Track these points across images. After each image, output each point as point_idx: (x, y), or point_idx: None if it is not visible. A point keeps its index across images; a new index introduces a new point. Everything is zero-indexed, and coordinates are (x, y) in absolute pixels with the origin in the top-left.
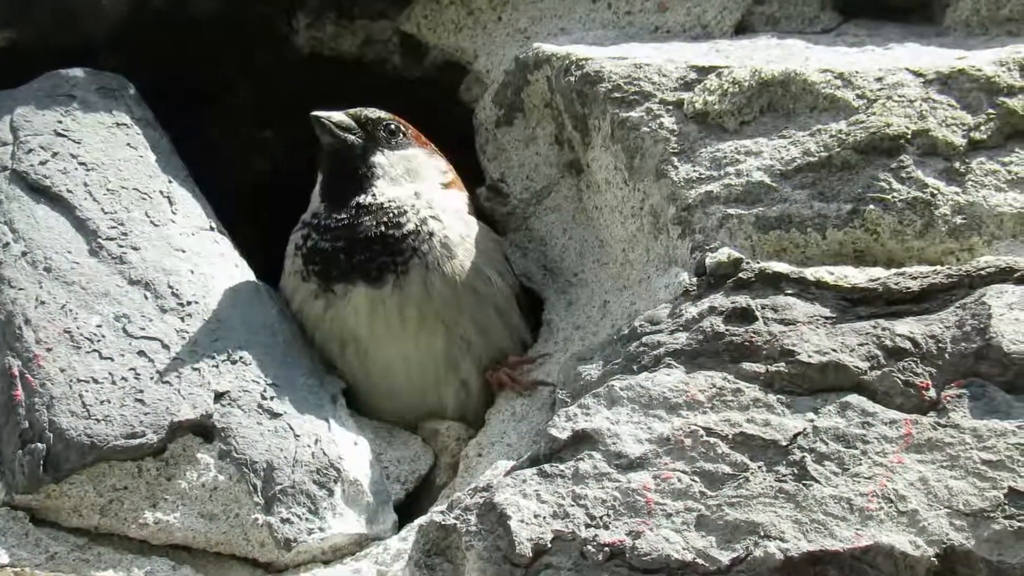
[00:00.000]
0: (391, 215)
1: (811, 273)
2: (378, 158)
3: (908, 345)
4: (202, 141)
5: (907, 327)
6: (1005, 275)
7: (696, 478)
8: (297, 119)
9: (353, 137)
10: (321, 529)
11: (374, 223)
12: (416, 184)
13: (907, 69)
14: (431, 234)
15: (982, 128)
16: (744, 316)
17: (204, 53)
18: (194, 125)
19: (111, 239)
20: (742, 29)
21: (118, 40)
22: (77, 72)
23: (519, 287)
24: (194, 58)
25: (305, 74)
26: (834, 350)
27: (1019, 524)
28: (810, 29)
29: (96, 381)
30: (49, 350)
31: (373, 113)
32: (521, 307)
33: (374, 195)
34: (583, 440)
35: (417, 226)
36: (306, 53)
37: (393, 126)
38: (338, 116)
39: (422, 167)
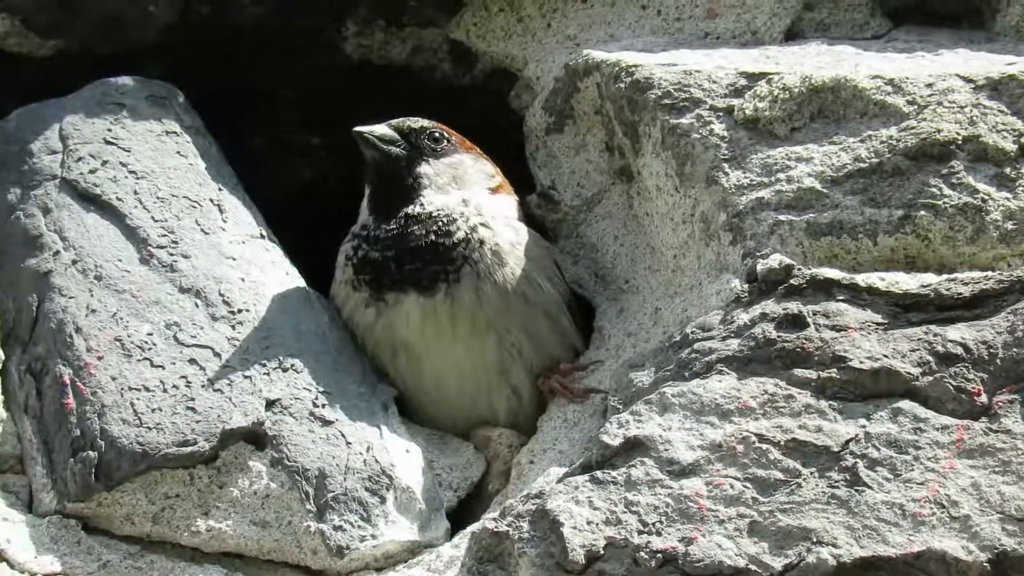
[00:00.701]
0: (440, 224)
1: (863, 279)
2: (423, 168)
3: (960, 351)
4: (247, 148)
5: (959, 333)
6: None
7: (748, 484)
8: (344, 126)
9: (397, 149)
10: (374, 536)
11: (424, 232)
12: (463, 191)
13: (957, 75)
14: (482, 242)
15: None
16: (796, 322)
17: (249, 60)
18: (239, 132)
19: (161, 247)
20: (792, 35)
21: (163, 48)
22: (127, 80)
23: (570, 294)
24: (239, 65)
25: (353, 81)
26: (886, 356)
27: None
28: (860, 35)
29: (147, 389)
30: (100, 358)
31: (415, 122)
32: (572, 313)
33: (422, 205)
34: (635, 447)
35: (467, 234)
36: (355, 60)
37: (437, 134)
38: (381, 129)
39: (468, 173)
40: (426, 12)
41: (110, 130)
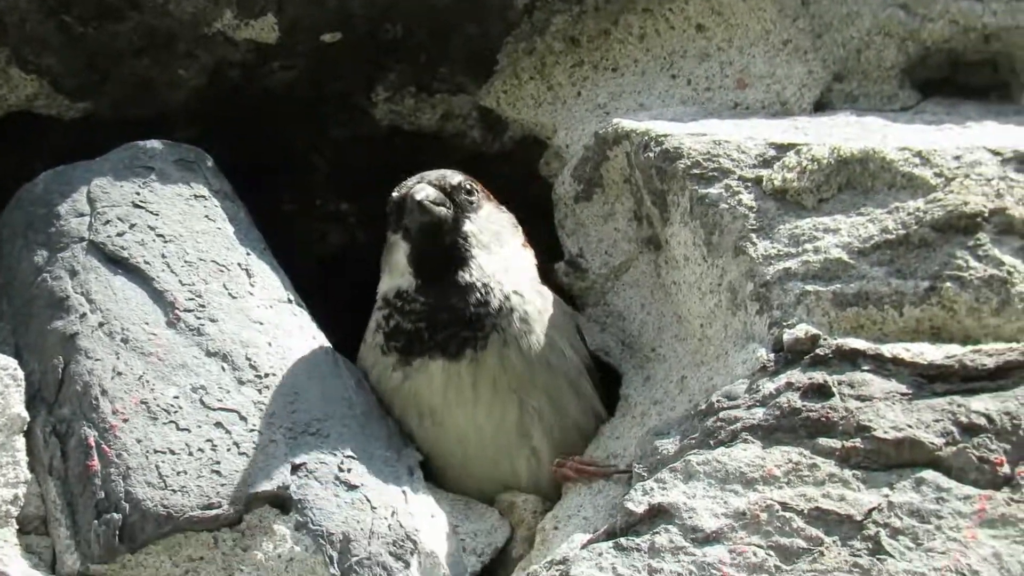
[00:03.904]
0: (479, 295)
1: (888, 350)
2: (468, 227)
3: (983, 422)
4: (277, 213)
5: (982, 404)
6: None
7: (771, 552)
8: (375, 192)
9: (445, 211)
10: None
11: (463, 305)
12: (504, 249)
13: (985, 148)
14: (512, 310)
15: None
16: (821, 392)
17: (280, 125)
18: (269, 197)
19: (189, 311)
20: (821, 106)
21: (193, 112)
22: (155, 144)
23: (590, 359)
24: (269, 130)
25: (383, 147)
26: (910, 426)
27: None
28: (889, 107)
29: (173, 452)
30: (125, 421)
31: (453, 178)
32: (592, 378)
33: (470, 272)
34: (659, 514)
35: (501, 303)
36: (384, 126)
37: (468, 186)
38: (432, 193)
39: (503, 227)
40: (456, 79)
41: (138, 193)
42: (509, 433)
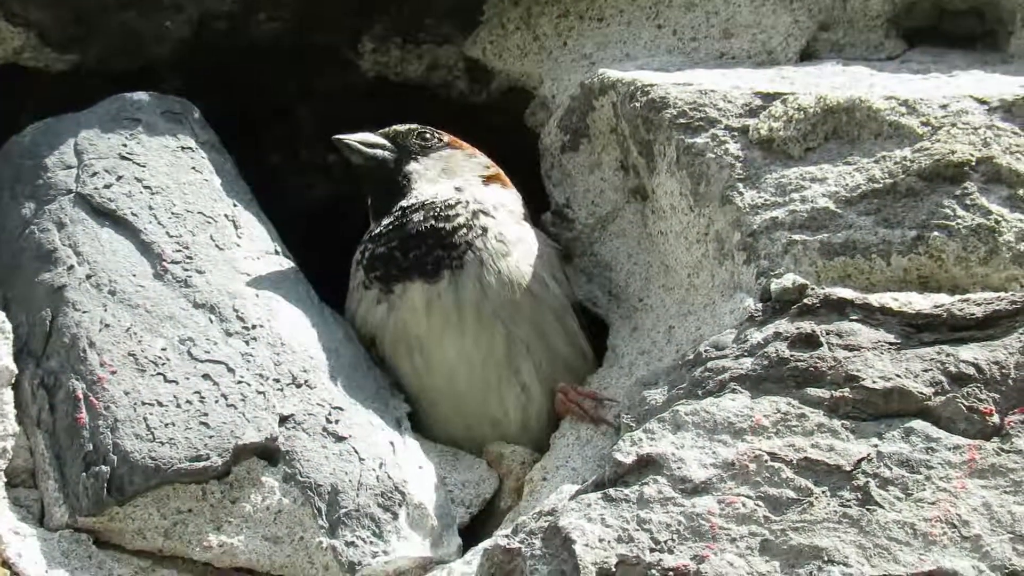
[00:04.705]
0: (437, 209)
1: (876, 299)
2: (411, 166)
3: (972, 371)
4: (263, 165)
5: (971, 353)
6: None
7: (760, 503)
8: None
9: (383, 152)
10: (385, 552)
11: (421, 218)
12: (454, 180)
13: (971, 96)
14: (485, 229)
15: None
16: (809, 342)
17: (266, 76)
18: (255, 149)
19: (176, 262)
20: (807, 56)
21: (180, 63)
22: (142, 96)
23: (575, 297)
24: (256, 81)
25: (369, 98)
26: (898, 376)
27: None
28: (875, 56)
29: (161, 404)
30: (113, 373)
31: (402, 127)
32: (578, 318)
33: (415, 196)
34: (648, 464)
35: (468, 220)
36: (371, 77)
37: (427, 134)
38: (363, 136)
39: (459, 164)
40: (442, 30)
41: (125, 145)
42: (498, 365)
